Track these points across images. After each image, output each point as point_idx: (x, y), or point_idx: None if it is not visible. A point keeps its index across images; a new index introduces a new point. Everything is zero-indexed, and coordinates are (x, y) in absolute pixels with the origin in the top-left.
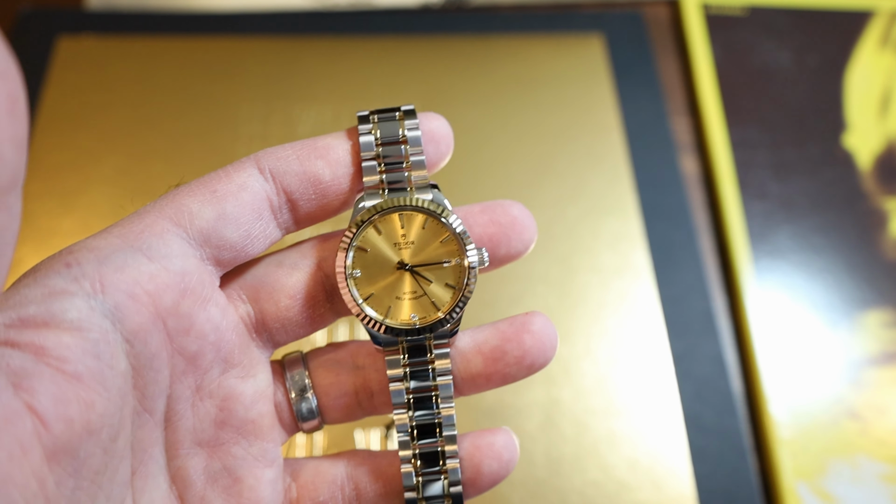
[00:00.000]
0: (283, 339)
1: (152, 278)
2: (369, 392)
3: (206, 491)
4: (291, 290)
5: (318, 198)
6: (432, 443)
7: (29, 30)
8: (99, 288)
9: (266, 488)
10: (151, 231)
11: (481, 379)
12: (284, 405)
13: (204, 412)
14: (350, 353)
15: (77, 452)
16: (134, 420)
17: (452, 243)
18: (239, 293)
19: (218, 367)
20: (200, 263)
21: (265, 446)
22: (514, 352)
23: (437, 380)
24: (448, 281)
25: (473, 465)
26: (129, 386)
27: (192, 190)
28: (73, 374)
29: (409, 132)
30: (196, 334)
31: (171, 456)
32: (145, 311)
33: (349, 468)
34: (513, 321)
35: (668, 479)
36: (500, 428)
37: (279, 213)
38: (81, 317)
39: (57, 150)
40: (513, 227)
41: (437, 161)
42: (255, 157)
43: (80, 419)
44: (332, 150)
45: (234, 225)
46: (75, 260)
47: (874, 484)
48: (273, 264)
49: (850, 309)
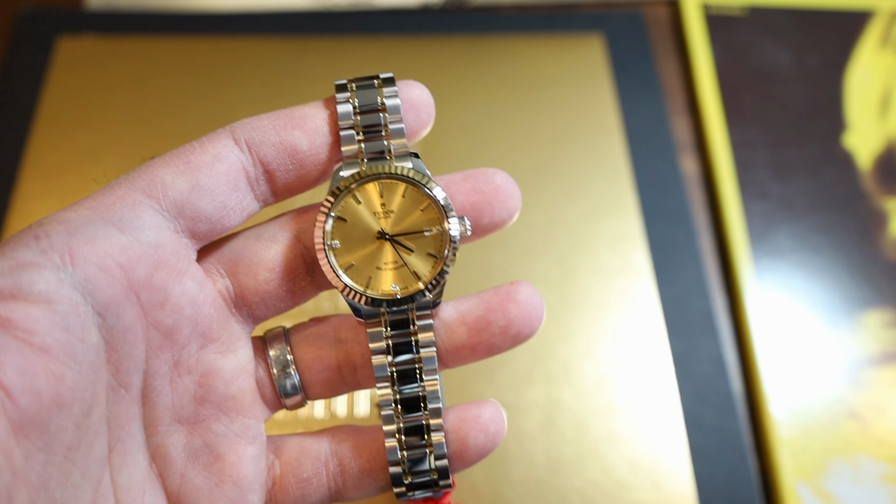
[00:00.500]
0: (264, 314)
1: (124, 250)
2: (352, 366)
3: (186, 468)
4: (270, 262)
5: (295, 168)
6: (417, 416)
7: (29, 30)
8: (68, 260)
9: (248, 465)
10: (123, 203)
11: (466, 350)
12: (266, 381)
13: (183, 388)
14: (332, 327)
15: (46, 426)
16: (109, 395)
17: (433, 212)
18: (217, 267)
19: (196, 341)
20: (175, 236)
21: (247, 422)
22: (499, 322)
23: (421, 352)
24: (429, 250)
25: (459, 439)
26: (101, 360)
27: (165, 161)
28: (41, 346)
29: (388, 100)
30: (171, 308)
31: (150, 433)
32: (117, 284)
33: (333, 444)
34: (497, 291)
35: (668, 479)
36: (486, 400)
37: (256, 184)
38: (50, 289)
39: (57, 150)
40: (496, 194)
41: (418, 130)
42: (231, 127)
43: (48, 392)
44: (310, 119)
45: (209, 196)
46: (44, 232)
47: (874, 484)
48: (251, 237)
49: (850, 309)
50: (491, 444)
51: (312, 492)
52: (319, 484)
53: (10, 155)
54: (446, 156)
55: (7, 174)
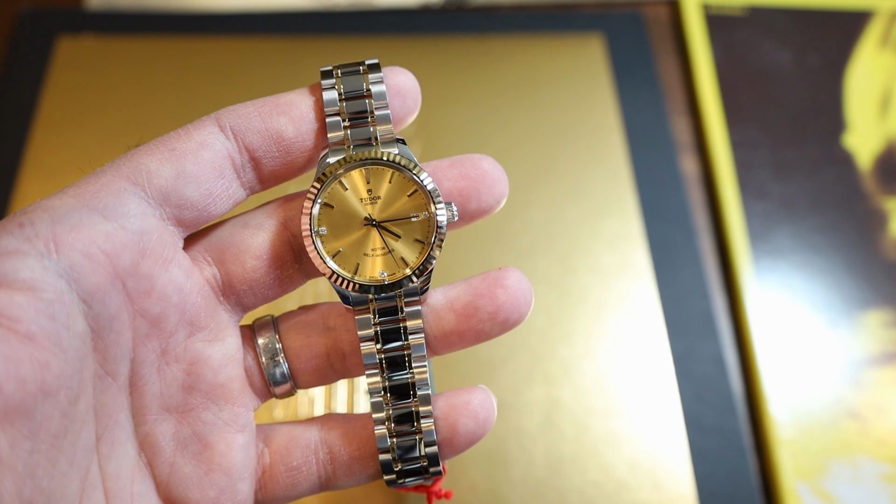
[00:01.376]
0: (252, 302)
1: (109, 238)
2: (341, 353)
3: (175, 457)
4: (257, 250)
5: (281, 155)
6: (406, 403)
7: (29, 30)
8: (53, 247)
9: (238, 454)
10: (108, 190)
11: (454, 336)
12: (255, 370)
13: (171, 377)
14: (321, 315)
15: (32, 413)
16: (96, 384)
17: (420, 197)
18: (204, 255)
19: (183, 330)
20: (160, 223)
21: (236, 411)
22: (487, 307)
23: (410, 339)
24: (417, 236)
25: (449, 425)
26: (88, 348)
27: (150, 149)
28: (26, 333)
29: (374, 86)
30: (158, 296)
31: (138, 422)
32: (102, 271)
33: (323, 432)
34: (486, 276)
35: (668, 479)
36: (476, 386)
37: (242, 171)
38: (35, 276)
39: (57, 150)
40: (483, 180)
41: (405, 116)
42: (216, 114)
43: (33, 379)
44: (295, 106)
45: (195, 184)
46: (28, 220)
47: (874, 484)
48: (238, 225)
49: (850, 309)
50: (481, 430)
51: (302, 480)
52: (309, 472)
53: (10, 155)
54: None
55: (7, 174)
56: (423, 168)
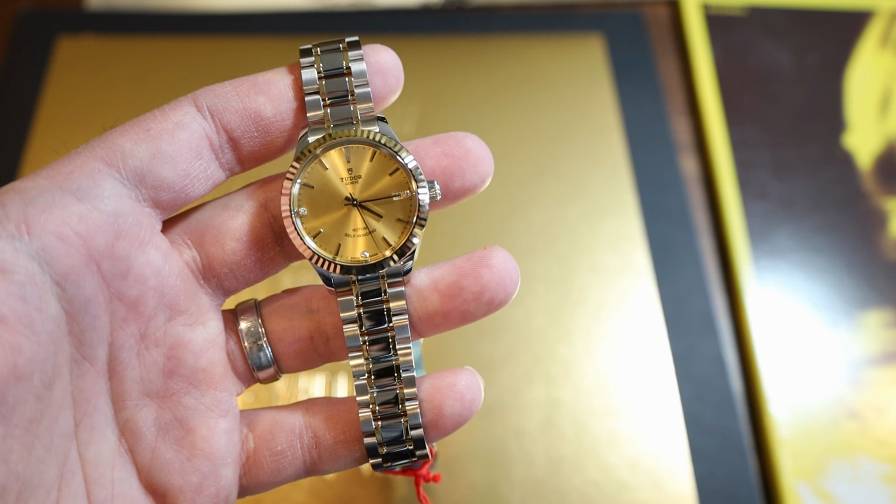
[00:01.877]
0: (234, 286)
1: (82, 219)
2: (325, 336)
3: (157, 443)
4: (237, 232)
5: (261, 135)
6: (390, 386)
7: (29, 30)
8: (24, 229)
9: (220, 439)
10: (81, 171)
11: (439, 317)
12: (238, 354)
13: (151, 361)
14: (304, 298)
15: (4, 397)
16: (73, 369)
17: (402, 176)
18: (183, 238)
19: (163, 313)
20: (136, 205)
21: (218, 395)
22: (472, 287)
23: (393, 320)
24: (399, 216)
25: (434, 407)
26: (62, 331)
27: (125, 130)
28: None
29: (354, 64)
30: (135, 278)
31: (118, 407)
32: (76, 253)
33: (307, 416)
34: (470, 256)
35: (668, 479)
36: (462, 367)
37: (221, 152)
38: (5, 258)
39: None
40: (466, 158)
41: (386, 95)
42: (193, 95)
43: (4, 362)
44: (274, 84)
45: (171, 164)
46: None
47: (874, 484)
48: (218, 207)
49: (850, 309)
50: (467, 412)
51: (287, 465)
52: (294, 457)
53: (10, 155)
54: None
55: (7, 174)
56: (404, 146)
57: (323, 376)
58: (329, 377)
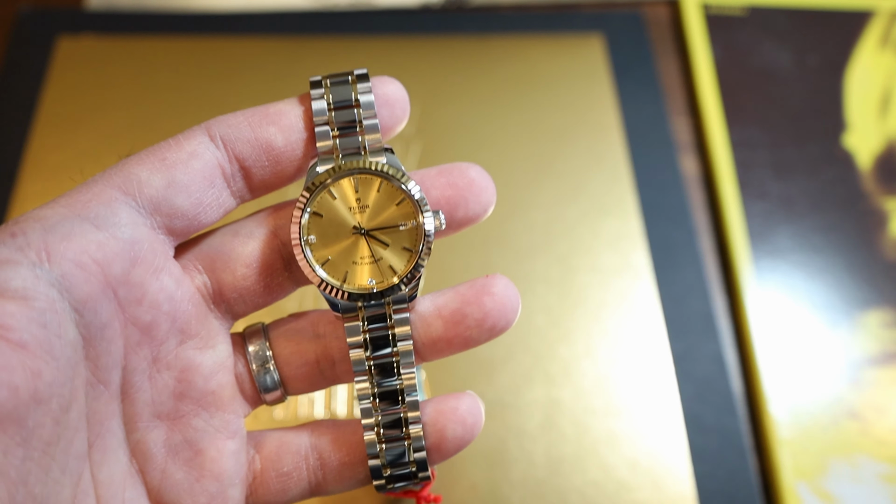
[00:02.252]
0: (242, 310)
1: (100, 247)
2: (331, 360)
3: (167, 464)
4: (248, 258)
5: (271, 164)
6: (395, 409)
7: (29, 30)
8: (45, 257)
9: (229, 460)
10: (99, 200)
11: (442, 343)
12: (246, 377)
13: (162, 384)
14: (310, 322)
15: (24, 421)
16: (88, 392)
17: (408, 206)
18: (195, 263)
19: (174, 338)
20: (151, 232)
21: (226, 418)
22: (475, 314)
23: (398, 346)
24: (405, 244)
25: (437, 431)
26: (79, 356)
27: (140, 159)
28: (18, 342)
29: (362, 96)
30: (149, 304)
31: (129, 429)
32: (94, 281)
33: (313, 438)
34: (473, 284)
35: (668, 479)
36: (464, 392)
37: (232, 180)
38: (27, 285)
39: (57, 150)
40: (470, 189)
41: (393, 125)
42: (206, 124)
43: (25, 387)
44: (285, 115)
45: (185, 193)
46: (21, 230)
47: (874, 484)
48: (229, 234)
49: (850, 309)
50: (469, 435)
51: (293, 485)
52: (300, 478)
53: (10, 155)
54: (446, 156)
55: (7, 174)
56: (410, 177)
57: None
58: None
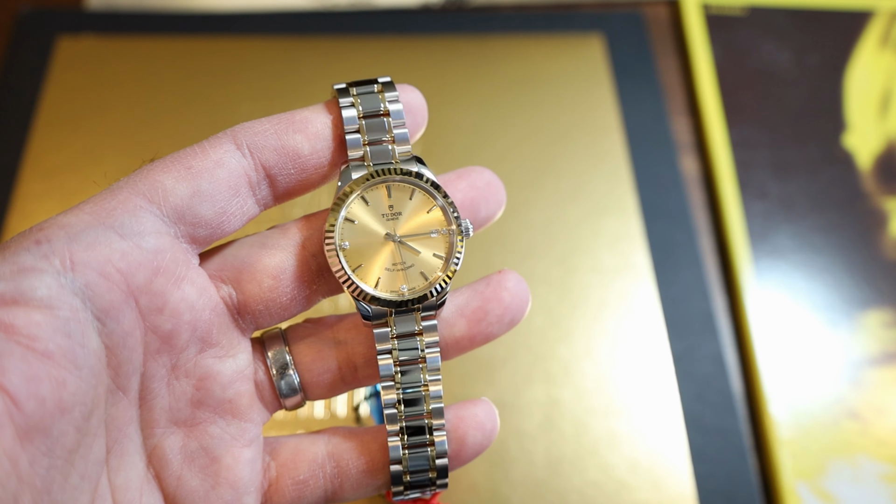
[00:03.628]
0: (267, 322)
1: (124, 256)
2: (353, 366)
3: (182, 470)
4: (274, 270)
5: (297, 172)
6: (419, 415)
7: (29, 30)
8: (69, 265)
9: (244, 468)
10: (124, 208)
11: (465, 341)
12: (266, 383)
13: (180, 391)
14: (330, 328)
15: (50, 431)
16: (107, 398)
17: (439, 214)
18: (220, 275)
19: (195, 346)
20: (175, 241)
21: (243, 426)
22: (496, 310)
23: (426, 352)
24: (436, 251)
25: (458, 437)
26: (102, 364)
27: (166, 166)
28: (44, 352)
29: (391, 105)
30: (170, 313)
31: (146, 435)
32: (117, 290)
33: (330, 446)
34: (489, 281)
35: (668, 479)
36: (480, 399)
37: (258, 188)
38: (51, 294)
39: (57, 150)
40: (489, 189)
41: (414, 132)
42: (232, 131)
43: (51, 397)
44: (311, 123)
45: (210, 202)
46: (45, 237)
47: (874, 484)
48: (255, 245)
49: (850, 309)
50: (487, 441)
51: (309, 493)
52: (316, 486)
53: (10, 155)
54: (446, 155)
55: (7, 174)
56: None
57: None
58: None
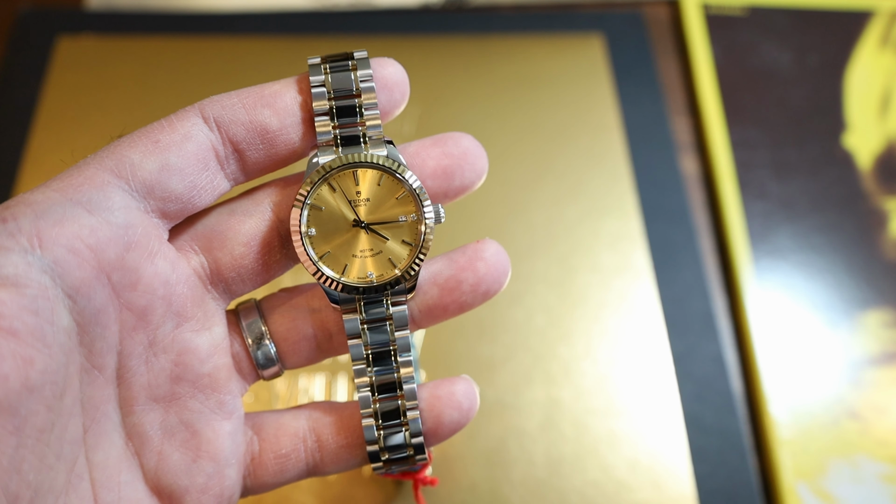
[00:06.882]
0: (240, 290)
1: (93, 232)
2: (328, 333)
3: (163, 446)
4: (245, 237)
5: (265, 147)
6: (392, 397)
7: (29, 30)
8: (36, 243)
9: (225, 440)
10: (92, 184)
11: (438, 310)
12: (243, 354)
13: (159, 368)
14: (304, 297)
15: (17, 410)
16: (82, 377)
17: (409, 200)
18: (191, 244)
19: (171, 321)
20: (145, 216)
21: (222, 398)
22: (470, 280)
23: (396, 335)
24: (405, 238)
25: (434, 416)
26: (73, 342)
27: (133, 141)
28: (9, 329)
29: (363, 83)
30: (144, 289)
31: (125, 412)
32: (87, 266)
33: (311, 421)
34: (465, 250)
35: (668, 479)
36: (459, 376)
37: (226, 163)
38: (18, 272)
39: (57, 150)
40: (465, 157)
41: (391, 109)
42: (200, 105)
43: (16, 376)
44: (280, 97)
45: (179, 176)
46: (11, 215)
47: (874, 484)
48: (225, 213)
49: (850, 309)
50: (464, 419)
51: (291, 467)
52: (297, 459)
53: (10, 155)
54: None
55: (7, 174)
56: (408, 167)
57: (323, 376)
58: (329, 377)
